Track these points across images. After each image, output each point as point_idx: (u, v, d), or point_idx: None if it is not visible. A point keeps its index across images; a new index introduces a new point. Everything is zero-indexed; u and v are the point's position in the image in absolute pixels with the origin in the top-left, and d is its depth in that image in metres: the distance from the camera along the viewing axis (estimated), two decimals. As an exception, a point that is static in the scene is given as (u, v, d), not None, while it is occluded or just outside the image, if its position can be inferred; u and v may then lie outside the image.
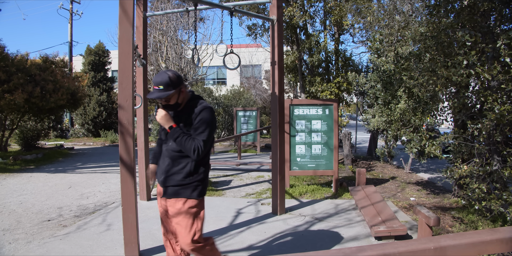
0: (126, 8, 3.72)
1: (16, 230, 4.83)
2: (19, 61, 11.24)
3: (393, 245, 1.67)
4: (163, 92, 2.75)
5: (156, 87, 2.75)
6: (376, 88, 9.51)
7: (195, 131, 2.79)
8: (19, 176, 8.94)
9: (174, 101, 2.85)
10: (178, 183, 2.86)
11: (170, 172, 2.88)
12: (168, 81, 2.74)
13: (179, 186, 2.86)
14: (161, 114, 2.81)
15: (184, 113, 2.89)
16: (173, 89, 2.78)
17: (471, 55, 4.06)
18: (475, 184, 4.09)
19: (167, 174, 2.88)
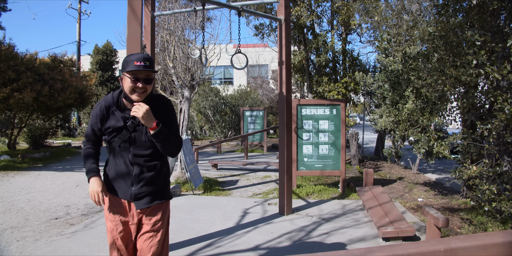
0: (134, 7, 3.74)
1: (24, 227, 4.86)
2: (28, 60, 11.33)
3: (402, 247, 1.65)
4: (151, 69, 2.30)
5: (142, 63, 2.24)
6: (383, 88, 9.46)
7: (172, 127, 2.43)
8: (27, 174, 9.01)
9: (150, 90, 2.36)
10: (159, 186, 2.52)
11: (146, 179, 2.44)
12: (152, 59, 2.33)
13: (159, 189, 2.53)
14: (144, 108, 2.22)
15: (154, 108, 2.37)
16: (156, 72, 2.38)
17: (480, 55, 4.02)
18: (485, 185, 4.05)
19: (141, 182, 2.43)
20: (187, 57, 8.36)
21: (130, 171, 2.42)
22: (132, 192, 2.42)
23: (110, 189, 2.48)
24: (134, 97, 2.31)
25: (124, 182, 2.43)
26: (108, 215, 2.48)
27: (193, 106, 18.56)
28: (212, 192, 6.90)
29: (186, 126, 7.82)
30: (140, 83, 2.26)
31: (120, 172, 2.44)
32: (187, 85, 7.96)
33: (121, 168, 2.44)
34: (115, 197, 2.48)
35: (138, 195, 2.43)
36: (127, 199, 2.44)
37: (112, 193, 2.47)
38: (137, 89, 2.28)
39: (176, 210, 5.63)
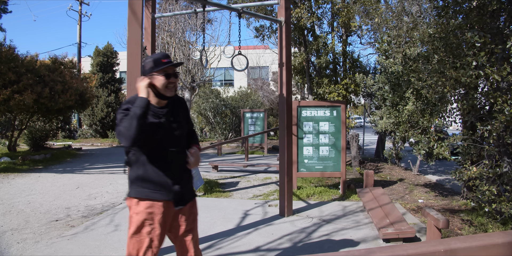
0: (135, 9, 3.75)
1: (24, 229, 4.86)
2: (29, 62, 11.35)
3: (402, 248, 1.66)
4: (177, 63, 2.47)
5: (168, 60, 2.42)
6: (384, 90, 9.47)
7: (191, 124, 2.68)
8: (27, 176, 9.02)
9: (176, 86, 2.52)
10: (191, 183, 2.66)
11: (184, 176, 2.58)
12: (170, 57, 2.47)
13: (191, 186, 2.66)
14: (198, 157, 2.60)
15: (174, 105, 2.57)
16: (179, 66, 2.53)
17: (480, 56, 4.03)
18: (485, 186, 4.05)
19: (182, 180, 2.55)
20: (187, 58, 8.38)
21: (170, 169, 2.46)
22: (174, 191, 2.47)
23: (148, 193, 2.44)
24: (168, 92, 2.43)
25: (165, 182, 2.45)
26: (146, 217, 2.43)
27: (194, 107, 18.56)
28: (212, 193, 6.90)
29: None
30: (171, 78, 2.42)
31: (160, 171, 2.44)
32: (187, 86, 7.97)
33: (160, 167, 2.44)
34: (154, 200, 2.44)
35: (179, 194, 2.49)
36: (168, 199, 2.46)
37: (150, 196, 2.44)
38: (169, 85, 2.41)
39: (176, 212, 5.63)
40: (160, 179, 2.43)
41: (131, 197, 2.48)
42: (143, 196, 2.43)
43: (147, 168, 2.43)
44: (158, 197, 2.43)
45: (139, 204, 2.44)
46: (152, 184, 2.44)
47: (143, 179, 2.44)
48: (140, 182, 2.45)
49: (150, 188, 2.43)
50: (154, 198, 2.43)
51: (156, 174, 2.43)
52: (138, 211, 2.43)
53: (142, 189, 2.44)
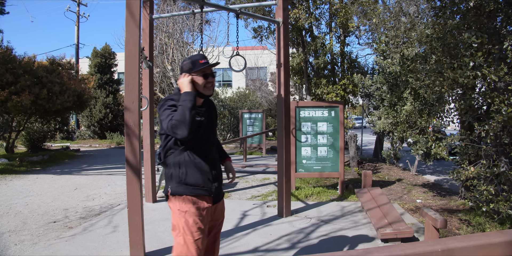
0: (133, 10, 3.74)
1: (22, 231, 4.85)
2: (26, 63, 11.33)
3: (400, 247, 1.66)
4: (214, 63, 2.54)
5: (205, 60, 2.52)
6: (382, 90, 9.49)
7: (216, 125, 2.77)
8: (25, 177, 9.00)
9: (214, 85, 2.62)
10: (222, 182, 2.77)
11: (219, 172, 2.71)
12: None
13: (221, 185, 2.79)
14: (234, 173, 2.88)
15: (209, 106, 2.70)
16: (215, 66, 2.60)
17: (477, 57, 4.04)
18: (483, 186, 4.06)
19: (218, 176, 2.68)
20: (185, 59, 8.39)
21: (209, 166, 2.56)
22: (214, 187, 2.58)
23: (192, 189, 2.51)
24: (207, 91, 2.53)
25: (207, 178, 2.55)
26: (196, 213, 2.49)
27: (192, 108, 18.54)
28: (211, 194, 6.89)
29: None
30: (209, 79, 2.51)
31: (201, 168, 2.53)
32: (185, 87, 7.97)
33: (201, 164, 2.53)
34: (198, 197, 2.53)
35: (217, 189, 2.62)
36: (209, 194, 2.56)
37: (195, 193, 2.52)
38: (208, 84, 2.51)
39: (174, 213, 5.63)
40: (202, 176, 2.53)
41: (175, 196, 2.54)
42: (188, 193, 2.50)
43: (188, 166, 2.51)
44: (202, 193, 2.53)
45: (185, 202, 2.50)
46: (195, 181, 2.51)
47: (185, 177, 2.51)
48: (183, 181, 2.51)
49: (194, 185, 2.51)
50: (199, 194, 2.52)
51: (198, 171, 2.52)
52: (186, 208, 2.49)
53: (186, 186, 2.51)
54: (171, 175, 2.55)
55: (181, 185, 2.51)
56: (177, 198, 2.52)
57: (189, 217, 2.48)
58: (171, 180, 2.55)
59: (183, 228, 2.48)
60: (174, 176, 2.53)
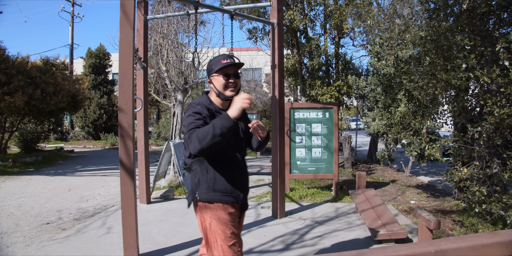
0: (127, 11, 3.73)
1: (14, 233, 4.82)
2: (20, 63, 11.27)
3: (393, 249, 1.66)
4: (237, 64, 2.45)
5: (228, 60, 2.40)
6: (376, 92, 9.52)
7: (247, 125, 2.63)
8: (18, 178, 8.93)
9: (239, 85, 2.50)
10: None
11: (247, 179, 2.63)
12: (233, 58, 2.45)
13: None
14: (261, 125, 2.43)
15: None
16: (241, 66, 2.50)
17: (470, 59, 4.07)
18: (476, 187, 4.08)
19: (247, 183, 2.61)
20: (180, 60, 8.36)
21: (239, 173, 2.50)
22: (242, 194, 2.51)
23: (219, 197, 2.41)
24: (229, 92, 2.42)
25: (236, 185, 2.46)
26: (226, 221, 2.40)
27: (186, 109, 18.50)
28: (205, 195, 6.88)
29: (179, 129, 7.81)
30: (231, 79, 2.40)
31: (229, 175, 2.44)
32: (180, 88, 7.96)
33: (228, 170, 2.45)
34: (227, 204, 2.44)
35: (245, 197, 2.55)
36: (237, 202, 2.48)
37: (223, 199, 2.42)
38: (229, 85, 2.41)
39: (169, 214, 5.62)
40: (230, 182, 2.44)
41: (202, 202, 2.43)
42: (216, 200, 2.40)
43: (216, 172, 2.42)
44: (231, 200, 2.44)
45: (215, 209, 2.41)
46: (223, 188, 2.42)
47: (214, 183, 2.41)
48: (211, 186, 2.41)
49: (222, 191, 2.42)
50: (227, 201, 2.42)
51: (225, 177, 2.42)
52: (217, 215, 2.40)
53: (214, 193, 2.41)
54: (198, 181, 2.44)
55: (209, 192, 2.41)
56: (207, 205, 2.42)
57: (221, 224, 2.38)
58: (198, 186, 2.44)
59: (216, 236, 2.38)
60: (202, 182, 2.42)
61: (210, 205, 2.41)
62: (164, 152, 6.86)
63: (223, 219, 2.40)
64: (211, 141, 2.12)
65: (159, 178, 7.13)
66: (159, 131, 20.87)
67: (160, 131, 20.77)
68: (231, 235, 2.39)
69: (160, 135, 20.79)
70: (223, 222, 2.39)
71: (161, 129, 20.78)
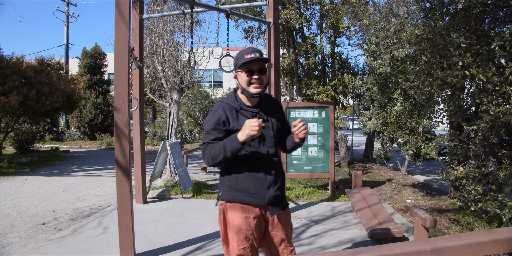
0: (122, 10, 3.72)
1: (10, 234, 4.79)
2: (14, 63, 11.21)
3: (389, 247, 1.66)
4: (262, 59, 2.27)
5: (253, 55, 2.24)
6: (372, 91, 9.54)
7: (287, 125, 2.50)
8: (13, 179, 8.89)
9: (266, 81, 2.34)
10: (284, 189, 2.47)
11: (279, 180, 2.39)
12: (261, 51, 2.30)
13: (284, 193, 2.46)
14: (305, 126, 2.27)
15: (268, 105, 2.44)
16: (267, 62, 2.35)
17: (466, 57, 4.08)
18: (471, 186, 4.09)
19: (277, 184, 2.36)
20: (176, 60, 8.34)
21: (265, 172, 2.32)
22: (270, 195, 2.31)
23: (241, 197, 2.30)
24: (253, 89, 2.28)
25: (260, 185, 2.31)
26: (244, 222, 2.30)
27: (183, 109, 18.51)
28: (201, 195, 6.88)
29: (175, 129, 7.79)
30: (255, 74, 2.26)
31: (253, 174, 2.31)
32: (176, 88, 7.94)
33: (253, 170, 2.31)
34: (248, 205, 2.32)
35: (275, 199, 2.33)
36: (263, 203, 2.32)
37: (245, 200, 2.31)
38: (253, 81, 2.27)
39: (165, 214, 5.60)
40: (255, 182, 2.30)
41: (224, 202, 2.36)
42: (237, 200, 2.31)
43: (240, 171, 2.32)
44: (254, 202, 2.30)
45: (233, 209, 2.33)
46: (246, 188, 2.30)
47: (236, 182, 2.32)
48: (233, 186, 2.32)
49: (244, 191, 2.30)
50: (249, 202, 2.30)
51: (249, 177, 2.31)
52: (233, 216, 2.32)
53: (236, 193, 2.31)
54: (222, 179, 2.39)
55: (231, 191, 2.32)
56: (227, 204, 2.35)
57: (235, 227, 2.30)
58: (222, 185, 2.38)
59: (230, 238, 2.34)
60: (225, 180, 2.36)
61: (230, 205, 2.34)
62: (160, 152, 6.85)
63: (242, 220, 2.30)
64: (221, 160, 2.18)
65: (155, 178, 7.11)
66: (155, 131, 20.84)
67: (156, 131, 20.75)
68: (243, 239, 2.30)
69: (156, 135, 20.76)
70: (237, 225, 2.30)
71: (157, 129, 20.75)
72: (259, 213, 2.33)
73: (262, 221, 2.36)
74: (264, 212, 2.35)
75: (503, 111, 3.70)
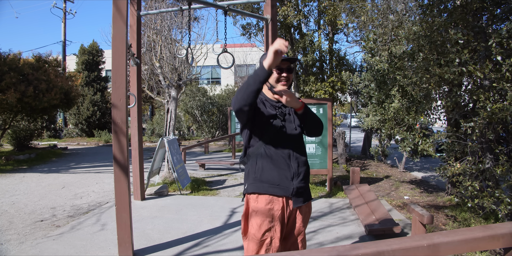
0: (120, 6, 3.70)
1: (8, 230, 4.79)
2: (12, 60, 11.15)
3: (386, 243, 1.67)
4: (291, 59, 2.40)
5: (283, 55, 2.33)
6: (370, 87, 9.55)
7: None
8: (11, 176, 8.88)
9: (292, 79, 2.47)
10: (309, 183, 2.51)
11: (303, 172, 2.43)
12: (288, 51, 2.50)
13: (309, 187, 2.52)
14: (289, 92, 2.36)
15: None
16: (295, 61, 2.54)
17: (463, 54, 4.09)
18: (468, 182, 4.11)
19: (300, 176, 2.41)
20: (174, 57, 8.33)
21: (289, 164, 2.38)
22: (294, 186, 2.36)
23: (266, 188, 2.36)
24: (280, 86, 2.42)
25: (284, 177, 2.36)
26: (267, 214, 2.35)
27: (180, 106, 18.49)
28: (199, 192, 6.89)
29: (173, 126, 7.79)
30: (284, 73, 2.40)
31: (278, 166, 2.37)
32: (174, 85, 7.93)
33: (278, 161, 2.37)
34: (273, 196, 2.37)
35: (299, 190, 2.38)
36: (287, 195, 2.36)
37: (269, 191, 2.36)
38: (282, 79, 2.41)
39: (163, 210, 5.61)
40: (279, 173, 2.36)
41: (248, 193, 2.42)
42: (262, 191, 2.36)
43: (264, 163, 2.38)
44: (278, 193, 2.35)
45: (258, 200, 2.37)
46: (271, 179, 2.36)
47: (261, 173, 2.38)
48: (258, 177, 2.38)
49: (269, 182, 2.36)
50: (274, 193, 2.35)
51: (274, 167, 2.37)
52: (257, 208, 2.36)
53: (261, 184, 2.37)
54: (248, 172, 2.45)
55: (256, 183, 2.39)
56: (252, 196, 2.40)
57: (258, 219, 2.34)
58: (248, 177, 2.45)
59: (253, 230, 2.36)
60: (251, 173, 2.42)
61: (254, 196, 2.39)
62: (158, 149, 6.85)
63: (265, 212, 2.35)
64: (249, 94, 2.17)
65: (153, 175, 7.12)
66: (153, 128, 20.82)
67: (154, 128, 20.72)
68: (265, 232, 2.33)
69: (154, 131, 20.74)
70: (264, 216, 2.35)
71: (155, 126, 20.73)
72: (283, 205, 2.37)
73: (285, 213, 2.40)
74: (287, 203, 2.39)
75: (500, 107, 3.71)
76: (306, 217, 2.53)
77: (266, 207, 2.35)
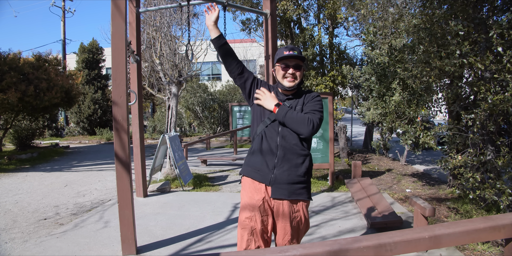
0: (118, 4, 3.69)
1: (12, 229, 4.81)
2: (12, 59, 11.15)
3: (388, 235, 1.68)
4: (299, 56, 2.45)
5: (291, 52, 2.44)
6: (370, 81, 9.52)
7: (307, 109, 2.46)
8: (14, 175, 8.91)
9: (299, 78, 2.49)
10: (298, 179, 2.41)
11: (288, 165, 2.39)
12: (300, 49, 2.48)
13: (299, 183, 2.41)
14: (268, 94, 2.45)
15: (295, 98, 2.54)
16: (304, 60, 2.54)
17: (464, 45, 4.07)
18: (469, 174, 4.11)
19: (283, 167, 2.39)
20: (174, 53, 8.31)
21: (275, 153, 2.41)
22: (273, 175, 2.38)
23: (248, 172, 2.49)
24: (286, 83, 2.47)
25: (265, 164, 2.41)
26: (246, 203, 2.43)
27: (181, 102, 18.48)
28: (201, 188, 6.91)
29: (174, 122, 7.79)
30: (290, 69, 2.44)
31: (266, 152, 2.43)
32: (174, 81, 7.92)
33: (267, 149, 2.43)
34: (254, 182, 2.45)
35: (278, 181, 2.38)
36: (265, 182, 2.40)
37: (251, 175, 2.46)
38: (287, 75, 2.46)
39: (166, 207, 5.63)
40: (261, 160, 2.44)
41: (240, 175, 2.58)
42: (246, 174, 2.51)
43: (256, 147, 2.49)
44: (257, 178, 2.43)
45: (245, 184, 2.51)
46: (254, 164, 2.47)
47: (250, 157, 2.53)
48: (247, 161, 2.55)
49: (252, 166, 2.48)
50: (254, 178, 2.45)
51: (260, 154, 2.46)
52: (244, 190, 2.50)
53: (247, 167, 2.52)
54: (246, 156, 2.61)
55: (244, 165, 2.56)
56: (242, 178, 2.55)
57: (243, 201, 2.46)
58: (244, 161, 2.61)
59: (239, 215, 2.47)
60: (247, 157, 2.58)
61: (243, 179, 2.54)
62: (159, 145, 6.86)
63: (244, 201, 2.45)
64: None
65: (155, 172, 7.13)
66: (155, 125, 20.83)
67: (156, 125, 20.73)
68: (245, 219, 2.39)
69: (155, 128, 20.75)
70: (245, 195, 2.47)
71: (156, 123, 20.74)
72: (264, 196, 2.39)
73: (267, 206, 2.40)
74: (268, 196, 2.40)
75: (501, 99, 3.70)
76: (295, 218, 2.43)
77: (248, 195, 2.45)
